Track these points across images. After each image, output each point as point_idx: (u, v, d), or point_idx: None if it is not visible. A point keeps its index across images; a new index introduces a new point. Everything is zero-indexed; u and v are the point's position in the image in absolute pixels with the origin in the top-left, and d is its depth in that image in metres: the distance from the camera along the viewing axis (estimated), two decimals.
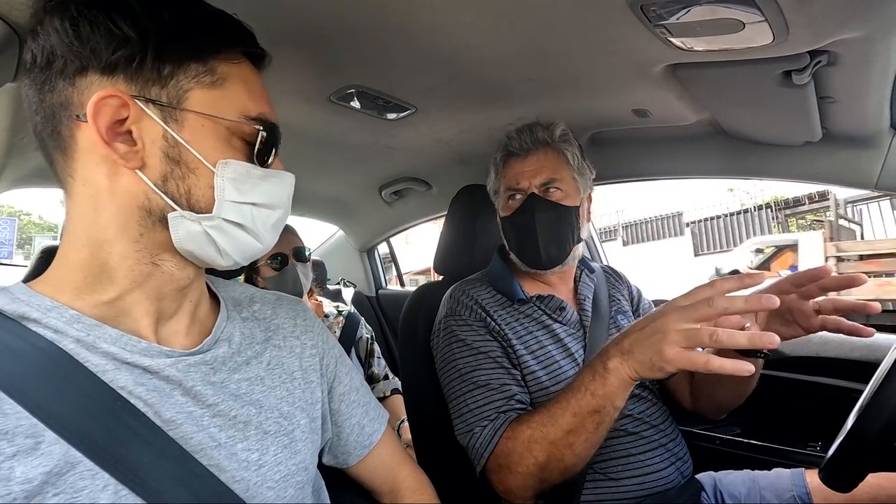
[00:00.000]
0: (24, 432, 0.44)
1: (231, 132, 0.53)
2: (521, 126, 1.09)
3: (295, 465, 0.60)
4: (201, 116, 0.51)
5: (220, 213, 0.53)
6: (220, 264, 0.56)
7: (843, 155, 1.08)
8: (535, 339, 1.02)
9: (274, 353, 0.65)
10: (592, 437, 0.79)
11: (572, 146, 1.09)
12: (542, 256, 1.04)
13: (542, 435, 0.82)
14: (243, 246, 0.56)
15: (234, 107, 0.53)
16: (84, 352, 0.49)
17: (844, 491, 0.69)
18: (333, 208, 2.18)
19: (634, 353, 0.72)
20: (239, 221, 0.54)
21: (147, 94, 0.50)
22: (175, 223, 0.52)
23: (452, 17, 0.79)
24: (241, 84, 0.55)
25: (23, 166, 1.16)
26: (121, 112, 0.49)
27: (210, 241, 0.53)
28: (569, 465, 0.81)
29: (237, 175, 0.53)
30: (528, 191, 1.05)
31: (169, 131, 0.50)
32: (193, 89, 0.51)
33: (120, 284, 0.52)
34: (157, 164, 0.51)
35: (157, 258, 0.54)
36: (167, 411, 0.51)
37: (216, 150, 0.52)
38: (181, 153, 0.51)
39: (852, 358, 1.21)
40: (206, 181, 0.52)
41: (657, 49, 0.82)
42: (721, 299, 0.64)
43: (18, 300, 0.51)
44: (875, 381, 0.68)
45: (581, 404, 0.78)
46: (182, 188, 0.52)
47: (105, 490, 0.46)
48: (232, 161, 0.53)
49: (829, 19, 0.68)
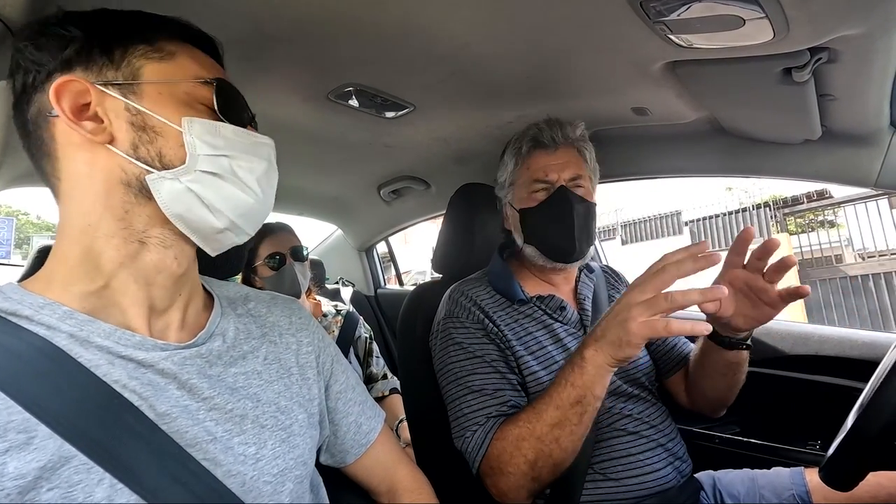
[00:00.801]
0: (16, 428, 0.44)
1: (190, 96, 0.56)
2: (549, 119, 1.09)
3: (293, 460, 0.60)
4: (158, 85, 0.54)
5: (195, 165, 0.54)
6: (214, 225, 0.56)
7: (842, 153, 1.08)
8: (535, 339, 1.02)
9: (270, 348, 0.65)
10: (577, 429, 0.80)
11: (590, 147, 1.10)
12: (576, 247, 1.03)
13: (529, 431, 0.83)
14: (231, 199, 0.56)
15: (187, 73, 0.56)
16: (77, 347, 0.50)
17: (844, 490, 0.69)
18: (332, 207, 2.18)
19: (606, 336, 0.75)
20: (216, 171, 0.55)
21: (104, 77, 0.53)
22: (155, 185, 0.53)
23: (451, 15, 0.79)
24: (189, 58, 0.57)
25: (19, 165, 1.15)
26: (84, 97, 0.52)
27: (195, 198, 0.54)
28: (557, 461, 0.82)
29: (205, 130, 0.55)
30: (557, 184, 1.04)
31: (130, 103, 0.53)
32: (145, 66, 0.54)
33: (106, 269, 0.53)
34: (124, 136, 0.53)
35: (143, 235, 0.54)
36: (162, 405, 0.51)
37: (177, 111, 0.54)
38: (145, 119, 0.53)
39: (852, 356, 1.21)
40: (175, 141, 0.54)
41: (657, 46, 0.82)
42: (672, 266, 0.70)
43: (10, 299, 0.51)
44: (875, 380, 0.68)
45: (563, 396, 0.80)
46: (153, 151, 0.53)
47: (100, 484, 0.46)
48: (198, 119, 0.55)
49: (829, 16, 0.67)
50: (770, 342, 1.33)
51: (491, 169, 1.21)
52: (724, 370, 0.97)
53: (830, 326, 1.34)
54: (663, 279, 0.70)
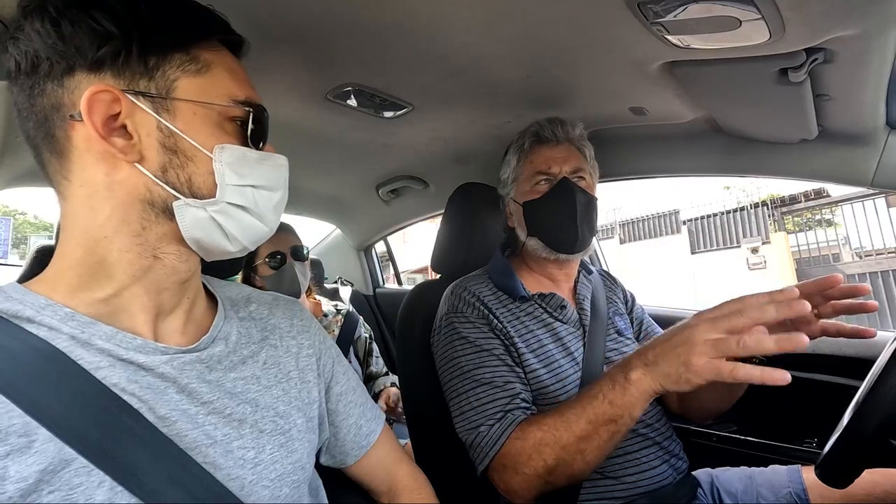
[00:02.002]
0: (17, 431, 0.44)
1: (222, 117, 0.54)
2: (550, 118, 1.11)
3: (291, 464, 0.60)
4: (192, 104, 0.52)
5: (223, 197, 0.53)
6: (228, 250, 0.56)
7: (838, 152, 1.08)
8: (536, 337, 1.02)
9: (270, 352, 0.65)
10: (605, 446, 0.78)
11: (589, 146, 1.13)
12: (578, 235, 1.04)
13: (554, 439, 0.81)
14: (250, 229, 0.57)
15: (221, 92, 0.54)
16: (78, 349, 0.49)
17: (841, 487, 0.70)
18: (330, 207, 2.18)
19: (660, 364, 0.71)
20: (242, 204, 0.55)
21: (136, 87, 0.50)
22: (181, 211, 0.52)
23: (449, 15, 0.79)
24: (224, 70, 0.55)
25: (17, 165, 1.15)
26: (113, 107, 0.49)
27: (217, 227, 0.54)
28: (577, 472, 0.81)
29: (234, 159, 0.54)
30: (559, 175, 1.06)
31: (163, 122, 0.51)
32: (180, 78, 0.52)
33: (118, 280, 0.52)
34: (154, 156, 0.51)
35: (158, 251, 0.54)
36: (161, 408, 0.51)
37: (211, 136, 0.53)
38: (177, 142, 0.52)
39: (848, 355, 1.21)
40: (205, 168, 0.53)
41: (654, 47, 0.82)
42: (752, 309, 0.64)
43: (12, 298, 0.51)
44: (871, 378, 0.69)
45: (598, 412, 0.77)
46: (182, 177, 0.52)
47: (101, 487, 0.46)
48: (228, 145, 0.54)
49: (825, 17, 0.68)
50: None
51: (490, 168, 1.21)
52: (733, 384, 0.93)
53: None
54: (738, 323, 0.65)
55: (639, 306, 1.24)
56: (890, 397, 0.63)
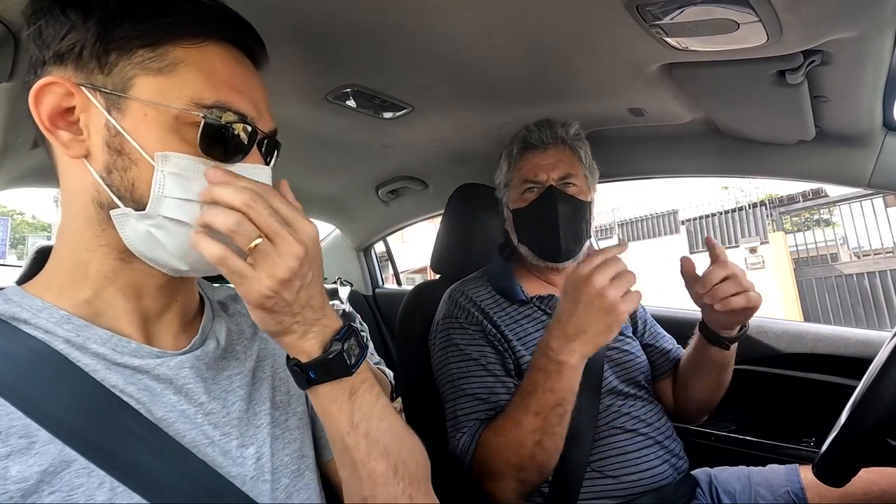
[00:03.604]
0: (17, 432, 0.44)
1: (179, 122, 0.49)
2: (539, 121, 1.10)
3: (289, 455, 0.60)
4: (144, 104, 0.48)
5: (158, 209, 0.48)
6: (176, 267, 0.52)
7: (836, 153, 1.09)
8: (535, 340, 1.03)
9: (262, 345, 0.65)
10: (559, 430, 0.83)
11: (585, 145, 1.11)
12: (562, 247, 1.04)
13: (509, 440, 0.84)
14: (196, 253, 0.48)
15: (183, 94, 0.49)
16: (74, 352, 0.49)
17: (838, 486, 0.70)
18: (330, 207, 2.18)
19: (586, 331, 0.78)
20: (182, 219, 0.49)
21: (94, 81, 0.48)
22: (119, 221, 0.49)
23: (449, 17, 0.79)
24: (196, 70, 0.50)
25: (17, 166, 1.15)
26: (68, 100, 0.49)
27: (157, 242, 0.50)
28: (542, 462, 0.84)
29: (180, 170, 0.48)
30: (547, 183, 1.05)
31: (110, 120, 0.48)
32: (138, 76, 0.48)
33: (94, 280, 0.52)
34: (100, 154, 0.49)
35: (122, 254, 0.52)
36: (159, 410, 0.51)
37: (159, 141, 0.48)
38: (122, 143, 0.48)
39: (846, 354, 1.22)
40: (148, 174, 0.48)
41: (652, 48, 0.83)
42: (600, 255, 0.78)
43: (11, 301, 0.51)
44: (868, 377, 0.69)
45: (542, 403, 0.81)
46: (126, 180, 0.49)
47: (101, 487, 0.46)
48: (173, 154, 0.48)
49: (822, 20, 0.68)
50: (766, 340, 1.35)
51: (489, 169, 1.22)
52: (711, 368, 1.00)
53: (825, 325, 1.35)
54: (616, 262, 0.78)
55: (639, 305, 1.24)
56: (887, 397, 0.64)
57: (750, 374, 1.32)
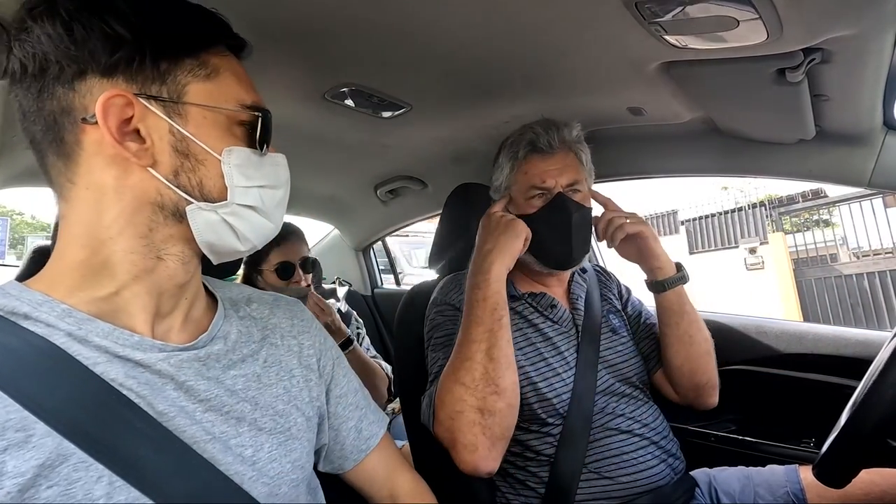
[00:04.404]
0: (14, 426, 0.44)
1: (231, 121, 0.55)
2: (545, 121, 1.07)
3: (290, 463, 0.60)
4: (202, 108, 0.53)
5: (233, 198, 0.55)
6: (239, 250, 0.58)
7: (836, 153, 1.09)
8: (525, 336, 1.03)
9: (270, 351, 0.65)
10: (501, 339, 0.90)
11: (586, 148, 1.10)
12: (572, 255, 1.04)
13: (460, 361, 0.89)
14: (259, 228, 0.58)
15: (230, 97, 0.55)
16: (75, 345, 0.49)
17: (838, 487, 0.70)
18: (328, 207, 2.18)
19: (498, 244, 0.97)
20: (251, 204, 0.56)
21: (148, 91, 0.51)
22: (193, 215, 0.53)
23: (447, 15, 0.79)
24: (232, 75, 0.56)
25: (14, 165, 1.15)
26: (126, 111, 0.50)
27: (228, 228, 0.55)
28: (494, 379, 0.87)
29: (241, 161, 0.55)
30: (555, 190, 1.03)
31: (175, 126, 0.52)
32: (191, 83, 0.53)
33: (120, 279, 0.53)
34: (167, 160, 0.52)
35: (163, 252, 0.54)
36: (159, 404, 0.51)
37: (220, 139, 0.54)
38: (189, 146, 0.53)
39: (846, 355, 1.22)
40: (215, 171, 0.54)
41: (652, 47, 0.82)
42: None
43: (9, 295, 0.51)
44: (868, 378, 0.69)
45: (481, 313, 0.91)
46: (194, 180, 0.53)
47: (99, 481, 0.46)
48: (235, 148, 0.55)
49: (822, 17, 0.68)
50: (765, 341, 1.34)
51: (487, 168, 1.21)
52: (668, 320, 1.05)
53: (825, 325, 1.35)
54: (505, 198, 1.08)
55: (635, 298, 1.23)
56: (887, 397, 0.63)
57: (749, 375, 1.32)
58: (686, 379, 1.05)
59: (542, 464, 0.96)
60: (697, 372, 1.04)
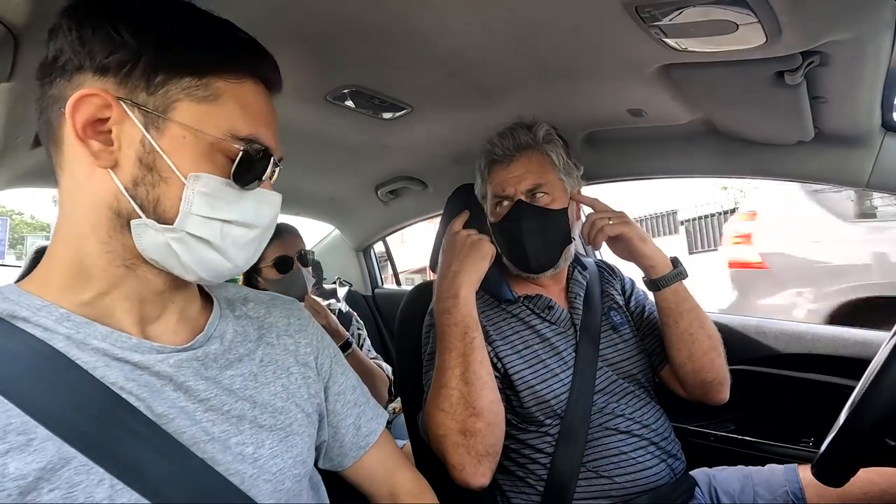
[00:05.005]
0: (15, 429, 0.44)
1: (214, 148, 0.53)
2: (502, 130, 1.08)
3: (292, 459, 0.60)
4: (184, 128, 0.51)
5: (183, 225, 0.52)
6: (184, 277, 0.55)
7: (834, 154, 1.09)
8: (522, 338, 1.03)
9: (267, 350, 0.65)
10: (474, 362, 0.90)
11: (557, 146, 1.08)
12: (531, 263, 1.05)
13: (438, 388, 0.91)
14: (208, 263, 0.54)
15: (222, 124, 0.53)
16: (74, 349, 0.50)
17: (837, 486, 0.70)
18: (329, 207, 2.18)
19: (465, 266, 0.97)
20: (205, 237, 0.53)
21: (134, 98, 0.51)
22: (138, 230, 0.52)
23: (448, 17, 0.79)
24: (235, 103, 0.54)
25: (17, 166, 1.15)
26: (104, 111, 0.50)
27: (172, 254, 0.52)
28: (472, 402, 0.88)
29: (209, 190, 0.52)
30: (515, 197, 1.04)
31: (147, 137, 0.51)
32: (182, 100, 0.52)
33: (97, 284, 0.53)
34: (129, 167, 0.51)
35: (128, 262, 0.53)
36: (159, 406, 0.51)
37: (193, 163, 0.52)
38: (155, 160, 0.51)
39: (844, 354, 1.22)
40: (176, 192, 0.51)
41: (651, 49, 0.83)
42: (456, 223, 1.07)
43: (8, 299, 0.51)
44: (867, 377, 0.69)
45: (452, 338, 0.92)
46: (151, 195, 0.51)
47: (101, 485, 0.46)
48: (204, 175, 0.52)
49: (820, 21, 0.69)
50: (764, 341, 1.35)
51: None
52: (667, 319, 1.04)
53: (823, 325, 1.35)
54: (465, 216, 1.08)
55: (639, 291, 1.21)
56: (886, 397, 0.64)
57: (748, 374, 1.33)
58: (691, 377, 1.04)
59: (542, 462, 0.97)
60: (702, 370, 1.02)
